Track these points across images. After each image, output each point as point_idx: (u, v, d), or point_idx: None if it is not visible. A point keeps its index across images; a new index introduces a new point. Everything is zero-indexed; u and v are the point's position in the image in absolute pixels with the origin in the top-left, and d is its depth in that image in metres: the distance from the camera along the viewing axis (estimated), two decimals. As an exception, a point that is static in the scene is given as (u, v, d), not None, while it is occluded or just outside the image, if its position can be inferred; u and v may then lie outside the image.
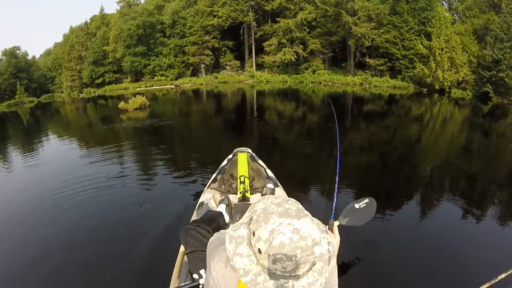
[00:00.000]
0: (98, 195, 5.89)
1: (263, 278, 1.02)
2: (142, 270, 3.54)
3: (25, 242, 4.58)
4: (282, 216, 1.02)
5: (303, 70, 34.22)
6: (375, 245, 4.06)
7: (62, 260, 3.88)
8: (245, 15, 37.39)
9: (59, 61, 60.00)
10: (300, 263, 0.99)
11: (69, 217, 5.19)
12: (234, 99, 25.90)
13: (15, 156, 11.71)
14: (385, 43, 29.13)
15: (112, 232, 4.47)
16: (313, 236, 1.00)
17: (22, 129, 23.83)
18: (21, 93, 56.88)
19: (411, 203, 5.42)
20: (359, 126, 12.27)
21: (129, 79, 47.87)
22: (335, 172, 2.77)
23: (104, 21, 53.97)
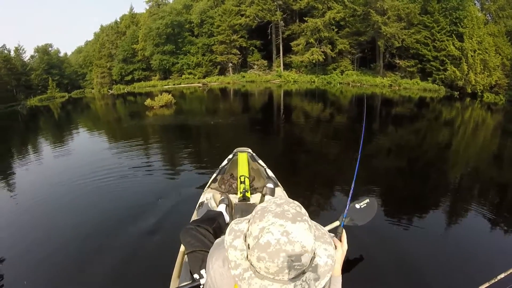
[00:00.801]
0: (97, 191, 6.22)
1: (249, 274, 1.02)
2: (142, 270, 3.58)
3: (32, 223, 5.17)
4: (276, 216, 0.99)
5: (331, 70, 33.84)
6: (376, 245, 4.08)
7: (60, 256, 4.00)
8: (273, 14, 37.43)
9: (90, 58, 61.59)
10: (282, 267, 0.96)
11: (72, 209, 5.51)
12: (261, 99, 25.99)
13: (46, 146, 12.95)
14: (416, 43, 28.43)
15: (111, 232, 4.46)
16: (304, 243, 0.97)
17: (53, 122, 25.33)
18: (52, 88, 58.64)
19: (428, 208, 5.30)
20: (388, 129, 12.22)
21: (158, 76, 48.70)
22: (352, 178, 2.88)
23: (134, 20, 55.09)
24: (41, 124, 24.73)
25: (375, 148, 8.95)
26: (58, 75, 61.45)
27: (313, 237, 1.02)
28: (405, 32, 29.12)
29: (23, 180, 8.00)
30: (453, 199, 5.65)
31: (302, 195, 5.57)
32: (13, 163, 10.09)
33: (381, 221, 4.64)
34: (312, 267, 1.03)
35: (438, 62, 27.02)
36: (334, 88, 28.89)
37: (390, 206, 5.19)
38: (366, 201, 2.87)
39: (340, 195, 5.60)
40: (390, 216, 4.85)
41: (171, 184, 6.38)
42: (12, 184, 7.76)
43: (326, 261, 1.05)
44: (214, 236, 2.37)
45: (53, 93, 57.31)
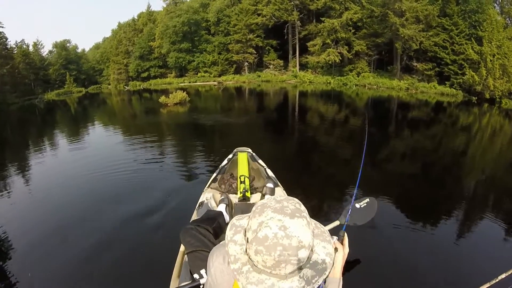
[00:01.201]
0: (98, 189, 6.34)
1: (247, 268, 1.04)
2: (142, 269, 3.59)
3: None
4: (275, 212, 1.01)
5: (347, 72, 33.60)
6: (376, 245, 4.15)
7: (60, 254, 4.04)
8: (290, 14, 37.38)
9: (107, 54, 62.33)
10: (279, 261, 0.97)
11: (72, 207, 5.57)
12: (276, 99, 26.02)
13: (61, 139, 13.73)
14: (434, 46, 27.93)
15: (111, 232, 4.48)
16: (301, 238, 0.98)
17: (70, 116, 26.04)
18: (70, 83, 59.67)
19: (432, 210, 5.36)
20: (403, 133, 12.16)
21: (174, 74, 49.12)
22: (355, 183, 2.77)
23: (151, 18, 55.59)
24: (58, 118, 25.77)
25: (390, 151, 9.04)
26: (75, 70, 62.55)
27: (311, 233, 1.03)
28: (423, 35, 28.57)
29: (38, 172, 8.46)
30: (457, 202, 5.69)
31: (302, 195, 5.56)
32: (29, 155, 10.69)
33: (385, 221, 4.70)
34: (310, 264, 1.04)
35: (457, 66, 26.47)
36: (350, 90, 28.66)
37: (398, 208, 5.27)
38: (366, 201, 2.93)
39: (341, 196, 5.68)
40: (395, 217, 4.95)
41: (172, 183, 6.35)
42: (27, 176, 8.16)
43: (324, 258, 1.06)
44: (214, 236, 2.40)
45: (70, 88, 58.41)
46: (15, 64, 50.49)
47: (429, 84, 27.32)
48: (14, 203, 6.15)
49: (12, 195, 6.63)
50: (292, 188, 5.32)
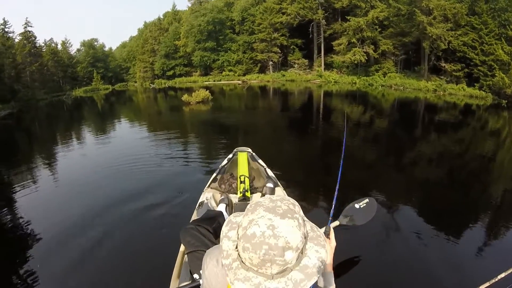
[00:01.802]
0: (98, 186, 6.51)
1: (237, 264, 1.03)
2: (142, 270, 3.56)
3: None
4: (267, 211, 1.00)
5: (373, 72, 32.89)
6: (376, 245, 4.18)
7: (61, 252, 4.07)
8: (314, 12, 37.26)
9: (133, 53, 63.77)
10: (264, 260, 0.95)
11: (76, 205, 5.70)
12: (301, 98, 26.02)
13: (87, 134, 14.81)
14: (463, 46, 26.94)
15: (111, 231, 4.49)
16: (288, 239, 0.96)
17: (96, 112, 27.51)
18: (97, 80, 61.36)
19: (438, 212, 5.32)
20: (430, 136, 11.97)
21: (198, 72, 49.81)
22: (336, 180, 2.81)
23: (176, 17, 56.45)
24: (85, 114, 27.23)
25: (415, 154, 8.97)
26: (102, 68, 64.34)
27: (301, 235, 1.00)
28: (452, 34, 27.72)
29: (62, 164, 9.20)
30: (467, 205, 5.70)
31: (302, 195, 5.75)
32: (56, 148, 11.73)
33: (389, 222, 4.79)
34: (300, 267, 1.01)
35: (486, 67, 25.47)
36: (375, 90, 28.18)
37: (410, 211, 5.31)
38: (365, 201, 2.95)
39: (341, 196, 5.77)
40: (397, 218, 5.00)
41: (172, 183, 6.36)
42: (53, 167, 8.89)
43: (315, 263, 1.03)
44: (214, 236, 2.35)
45: (97, 85, 60.10)
46: (44, 61, 52.28)
47: (457, 86, 26.30)
48: (39, 191, 6.71)
49: (39, 184, 7.25)
50: (292, 188, 5.57)
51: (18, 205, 6.09)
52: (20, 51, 46.61)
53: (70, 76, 60.60)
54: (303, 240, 1.01)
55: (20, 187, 7.06)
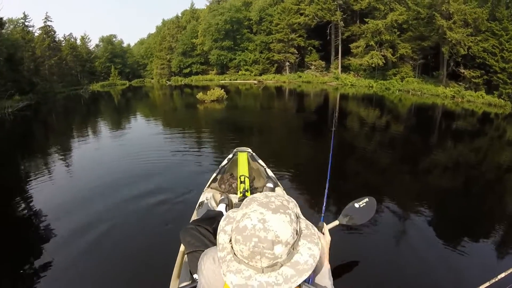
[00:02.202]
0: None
1: (230, 257, 1.06)
2: (142, 270, 3.56)
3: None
4: (260, 205, 1.03)
5: (390, 76, 32.24)
6: (377, 245, 4.20)
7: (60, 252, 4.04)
8: (333, 14, 36.91)
9: (151, 50, 64.50)
10: (254, 252, 0.98)
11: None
12: (316, 100, 25.85)
13: (103, 127, 15.45)
14: (483, 52, 26.26)
15: (111, 231, 4.47)
16: (278, 233, 0.98)
17: (113, 106, 28.19)
18: (114, 76, 62.33)
19: (440, 214, 5.35)
20: (446, 143, 11.71)
21: (215, 71, 50.10)
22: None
23: (194, 16, 56.85)
24: (101, 108, 27.95)
25: (429, 160, 8.81)
26: (120, 64, 65.30)
27: (292, 231, 1.02)
28: (472, 39, 26.94)
29: (76, 155, 9.59)
30: (468, 207, 5.68)
31: (303, 194, 5.77)
32: (71, 140, 12.20)
33: (390, 222, 4.83)
34: (291, 263, 1.02)
35: (506, 74, 24.74)
36: (392, 95, 27.75)
37: (413, 212, 5.27)
38: (365, 200, 2.95)
39: (341, 196, 5.65)
40: (401, 219, 5.01)
41: (174, 182, 6.35)
42: (67, 158, 9.25)
43: (307, 260, 1.04)
44: (214, 236, 2.22)
45: (114, 80, 61.13)
46: (62, 56, 53.46)
47: (476, 93, 25.71)
48: (54, 181, 6.99)
49: (52, 174, 7.55)
50: (292, 188, 5.63)
51: (32, 193, 6.32)
52: (40, 45, 47.67)
53: (88, 71, 61.76)
54: (294, 235, 1.02)
55: (35, 177, 7.36)
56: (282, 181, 5.82)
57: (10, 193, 6.58)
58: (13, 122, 20.11)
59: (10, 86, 30.28)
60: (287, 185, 4.73)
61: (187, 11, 60.23)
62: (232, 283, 1.01)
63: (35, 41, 47.03)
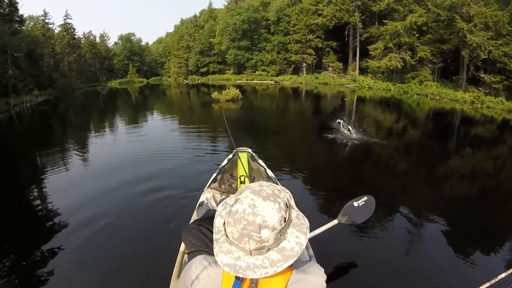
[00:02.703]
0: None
1: (224, 239, 1.14)
2: (142, 270, 3.56)
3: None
4: (252, 193, 1.11)
5: (409, 79, 31.76)
6: (377, 244, 4.21)
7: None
8: (351, 15, 36.63)
9: (169, 48, 65.21)
10: (242, 234, 1.06)
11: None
12: (333, 102, 25.46)
13: (118, 122, 16.14)
14: (503, 57, 25.66)
15: (111, 230, 4.48)
16: (266, 218, 1.05)
17: (130, 103, 28.78)
18: (132, 73, 63.33)
19: (440, 214, 5.27)
20: (464, 150, 11.44)
21: (232, 71, 50.34)
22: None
23: (212, 15, 57.20)
24: (119, 104, 28.65)
25: (444, 166, 8.61)
26: (138, 62, 66.29)
27: (280, 217, 1.08)
28: (492, 43, 26.28)
29: (93, 149, 10.09)
30: (469, 210, 5.68)
31: (303, 194, 5.84)
32: (87, 134, 12.72)
33: (393, 222, 4.85)
34: (278, 248, 1.09)
35: None
36: (410, 99, 27.25)
37: (416, 213, 5.25)
38: (364, 199, 2.97)
39: (341, 195, 5.71)
40: (405, 220, 4.98)
41: (176, 182, 6.33)
42: (81, 152, 9.62)
43: (293, 247, 1.10)
44: None
45: (132, 78, 62.18)
46: (82, 53, 54.73)
47: (496, 98, 24.98)
48: (65, 174, 7.28)
49: (66, 167, 7.93)
50: (292, 187, 5.48)
51: (44, 185, 6.61)
52: (59, 42, 48.85)
53: (106, 68, 62.89)
54: (282, 222, 1.09)
55: (50, 169, 7.76)
56: (284, 181, 5.92)
57: (25, 184, 6.95)
58: (31, 116, 20.79)
59: (29, 81, 31.16)
60: (288, 186, 4.71)
61: (205, 10, 60.67)
62: (223, 262, 1.10)
63: (55, 38, 48.34)
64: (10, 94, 25.86)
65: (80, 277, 3.53)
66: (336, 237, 4.11)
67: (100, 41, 65.06)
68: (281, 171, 6.92)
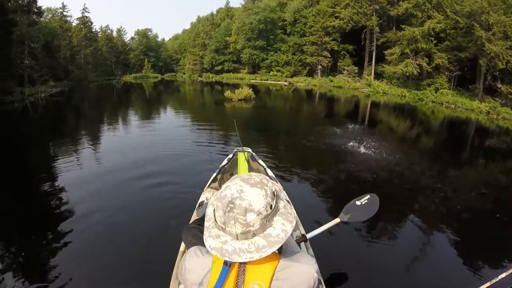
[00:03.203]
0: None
1: (213, 225, 1.19)
2: (142, 269, 3.57)
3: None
4: (241, 180, 1.18)
5: (424, 86, 31.20)
6: (378, 244, 4.28)
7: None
8: (368, 19, 36.30)
9: (184, 45, 65.74)
10: (228, 217, 1.11)
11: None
12: (346, 106, 25.42)
13: (131, 116, 16.73)
14: None
15: (111, 230, 4.51)
16: (252, 202, 1.11)
17: (143, 98, 29.43)
18: (147, 68, 63.98)
19: (440, 215, 5.44)
20: (477, 161, 11.19)
21: (246, 70, 50.43)
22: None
23: (229, 14, 57.37)
24: (133, 98, 29.30)
25: (455, 175, 8.54)
26: (154, 57, 66.94)
27: (266, 203, 1.13)
28: (511, 53, 26.15)
29: (105, 141, 10.52)
30: (471, 212, 5.74)
31: (303, 194, 5.88)
32: (100, 127, 13.16)
33: (394, 222, 4.90)
34: (264, 234, 1.13)
35: None
36: (425, 106, 26.93)
37: (419, 215, 5.31)
38: (367, 198, 2.94)
39: (342, 194, 5.87)
40: (407, 220, 5.08)
41: (180, 181, 6.35)
42: (95, 144, 10.07)
43: (278, 233, 1.14)
44: None
45: (147, 73, 62.89)
46: (98, 46, 55.68)
47: None
48: (82, 164, 7.67)
49: (73, 158, 8.24)
50: (294, 187, 5.70)
51: (57, 174, 6.86)
52: (76, 35, 49.89)
53: (122, 62, 63.76)
54: (268, 208, 1.14)
55: (62, 159, 8.11)
56: (288, 183, 5.96)
57: (36, 172, 7.27)
58: (44, 106, 21.39)
59: (45, 72, 31.93)
60: (291, 187, 4.75)
61: (222, 9, 60.85)
62: (211, 246, 1.15)
63: (72, 31, 49.43)
64: (25, 84, 26.40)
65: (80, 277, 3.53)
66: (337, 237, 4.29)
67: (117, 36, 65.93)
68: (285, 172, 6.93)
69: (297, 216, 3.31)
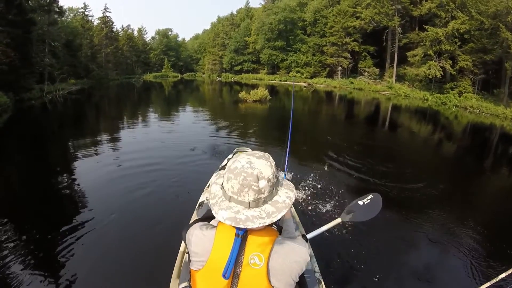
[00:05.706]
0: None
1: (221, 199, 1.30)
2: (142, 270, 3.58)
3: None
4: (247, 155, 1.31)
5: (448, 90, 30.12)
6: (380, 244, 4.24)
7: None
8: (390, 19, 35.52)
9: (204, 45, 66.26)
10: (243, 185, 1.23)
11: None
12: (367, 109, 24.91)
13: (150, 114, 17.10)
14: None
15: (111, 230, 4.50)
16: (262, 170, 1.25)
17: (163, 96, 29.84)
18: (167, 68, 64.80)
19: (441, 215, 5.41)
20: (500, 169, 10.95)
21: (265, 70, 50.40)
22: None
23: (249, 14, 57.38)
24: (152, 97, 29.69)
25: (479, 186, 8.30)
26: (174, 57, 67.76)
27: (273, 172, 1.29)
28: None
29: (123, 139, 10.67)
30: (472, 212, 5.71)
31: (304, 193, 5.81)
32: (119, 124, 13.32)
33: (396, 222, 4.94)
34: (272, 202, 1.28)
35: None
36: (448, 110, 26.16)
37: (423, 217, 5.28)
38: (369, 197, 2.89)
39: (343, 194, 5.87)
40: (409, 221, 5.08)
41: (180, 182, 6.32)
42: (115, 141, 10.21)
43: (284, 199, 1.30)
44: None
45: (167, 72, 63.76)
46: (119, 45, 56.72)
47: None
48: (82, 164, 7.70)
49: (88, 155, 8.43)
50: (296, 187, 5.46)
51: (74, 170, 7.15)
52: (98, 34, 51.18)
53: (142, 61, 64.77)
54: (275, 177, 1.30)
55: (80, 155, 8.36)
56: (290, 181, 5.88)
57: (52, 167, 7.55)
58: (63, 104, 21.91)
59: (66, 69, 32.76)
60: None
61: (242, 9, 60.95)
62: (224, 217, 1.24)
63: (93, 30, 50.73)
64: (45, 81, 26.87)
65: (81, 276, 3.55)
66: (337, 237, 4.34)
67: (138, 35, 66.80)
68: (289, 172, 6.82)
69: (298, 216, 3.46)
